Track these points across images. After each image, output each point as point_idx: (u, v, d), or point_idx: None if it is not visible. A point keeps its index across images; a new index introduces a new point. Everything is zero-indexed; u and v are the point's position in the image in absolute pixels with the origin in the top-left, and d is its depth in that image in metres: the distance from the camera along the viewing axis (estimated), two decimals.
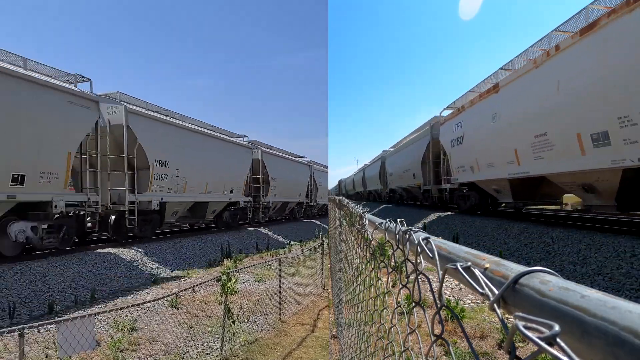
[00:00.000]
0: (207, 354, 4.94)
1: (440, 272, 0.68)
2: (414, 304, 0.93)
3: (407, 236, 0.97)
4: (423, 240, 0.84)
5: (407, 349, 1.04)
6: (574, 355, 0.32)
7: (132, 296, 7.56)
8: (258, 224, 18.96)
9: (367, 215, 2.05)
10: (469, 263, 0.61)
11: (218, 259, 11.75)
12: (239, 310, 6.31)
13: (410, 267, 0.94)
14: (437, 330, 0.73)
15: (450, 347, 0.64)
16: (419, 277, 0.86)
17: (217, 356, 4.84)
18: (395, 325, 1.25)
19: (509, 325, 0.41)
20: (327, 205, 27.50)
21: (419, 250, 0.84)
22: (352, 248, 2.76)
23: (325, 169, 32.08)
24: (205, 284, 5.53)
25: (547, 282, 0.44)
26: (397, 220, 1.20)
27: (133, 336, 5.33)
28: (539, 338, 0.35)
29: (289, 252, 12.97)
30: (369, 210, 2.37)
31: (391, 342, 1.28)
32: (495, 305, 0.49)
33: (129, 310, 6.19)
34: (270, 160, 19.93)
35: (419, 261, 0.85)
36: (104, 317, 5.91)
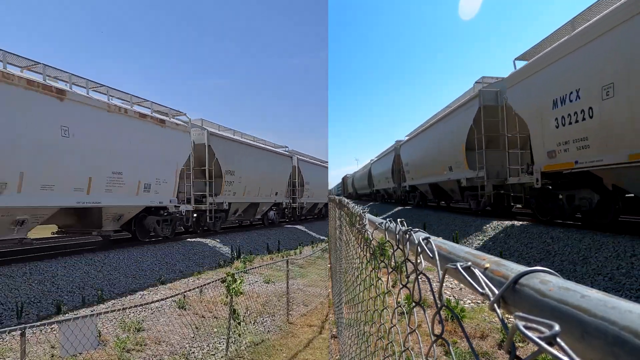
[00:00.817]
0: (213, 354, 4.94)
1: (441, 272, 0.68)
2: (414, 304, 0.93)
3: (407, 236, 0.97)
4: (423, 240, 0.84)
5: (407, 349, 1.04)
6: (574, 355, 0.32)
7: (140, 296, 7.58)
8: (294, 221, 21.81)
9: (367, 215, 2.05)
10: (469, 263, 0.61)
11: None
12: (245, 311, 6.31)
13: (410, 267, 0.94)
14: (437, 330, 0.73)
15: (450, 347, 0.64)
16: (419, 277, 0.86)
17: (222, 357, 4.83)
18: (395, 325, 1.25)
19: (509, 325, 0.41)
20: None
21: (419, 250, 0.84)
22: (352, 248, 2.76)
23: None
24: (209, 284, 5.52)
25: (547, 282, 0.44)
26: (397, 220, 1.20)
27: (139, 336, 5.33)
28: (539, 338, 0.35)
29: (300, 253, 13.06)
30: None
31: (391, 342, 1.28)
32: (495, 305, 0.49)
33: (135, 310, 6.20)
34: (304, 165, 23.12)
35: (419, 261, 0.85)
36: (110, 317, 5.92)
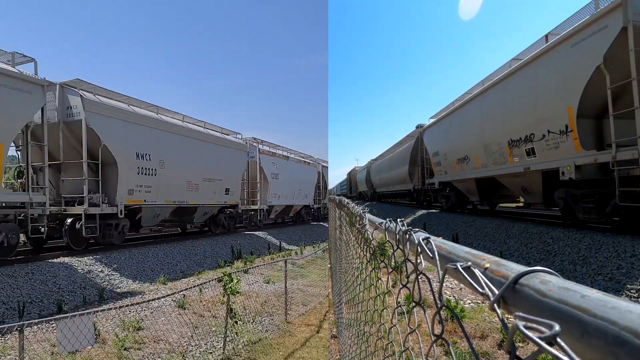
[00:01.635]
0: (210, 353, 4.96)
1: (441, 272, 0.68)
2: (414, 304, 0.93)
3: (407, 236, 0.97)
4: (423, 240, 0.84)
5: (407, 349, 1.04)
6: (574, 355, 0.32)
7: (140, 296, 7.59)
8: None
9: (367, 215, 2.05)
10: (469, 263, 0.61)
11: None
12: (242, 310, 6.32)
13: (410, 267, 0.94)
14: (437, 330, 0.73)
15: (450, 347, 0.64)
16: (419, 277, 0.86)
17: (219, 355, 4.86)
18: (395, 325, 1.25)
19: (509, 325, 0.41)
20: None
21: (419, 250, 0.84)
22: (352, 248, 2.76)
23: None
24: (207, 284, 5.53)
25: (547, 282, 0.44)
26: (397, 220, 1.20)
27: (138, 335, 5.35)
28: (539, 338, 0.35)
29: (301, 253, 13.02)
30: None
31: (391, 342, 1.28)
32: (495, 305, 0.49)
33: (134, 309, 6.21)
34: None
35: (419, 261, 0.85)
36: (110, 316, 5.93)
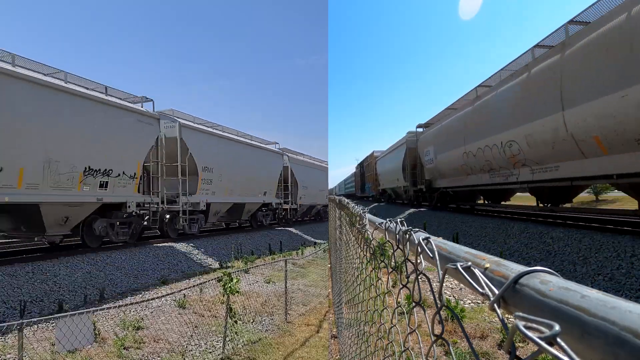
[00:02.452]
0: (210, 352, 4.97)
1: (441, 272, 0.68)
2: (414, 304, 0.93)
3: (408, 236, 0.97)
4: (423, 240, 0.84)
5: (407, 349, 1.04)
6: (574, 355, 0.32)
7: (140, 296, 7.59)
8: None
9: (367, 215, 2.05)
10: (469, 263, 0.61)
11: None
12: (242, 310, 6.32)
13: (410, 267, 0.94)
14: (437, 330, 0.73)
15: (451, 347, 0.64)
16: (419, 277, 0.86)
17: (219, 355, 4.87)
18: (395, 325, 1.24)
19: (509, 325, 0.41)
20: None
21: (419, 250, 0.84)
22: (352, 248, 2.76)
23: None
24: (206, 283, 5.53)
25: (548, 282, 0.44)
26: (397, 220, 1.20)
27: (138, 334, 5.35)
28: (540, 338, 0.35)
29: (302, 253, 13.04)
30: None
31: (391, 342, 1.28)
32: (495, 305, 0.49)
33: (134, 308, 6.21)
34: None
35: (419, 261, 0.85)
36: (110, 316, 5.93)
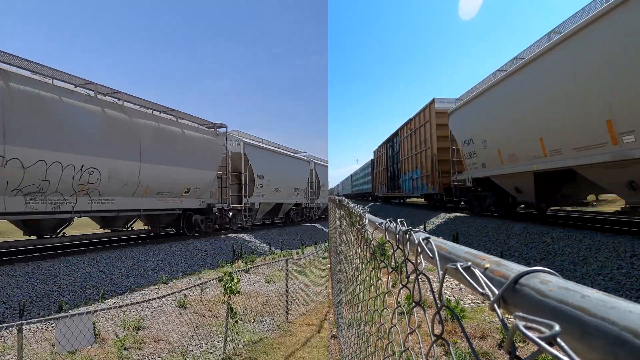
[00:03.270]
0: (211, 352, 4.97)
1: (441, 272, 0.68)
2: (414, 304, 0.93)
3: (407, 236, 0.97)
4: (423, 240, 0.84)
5: (407, 349, 1.04)
6: (574, 355, 0.32)
7: (141, 296, 7.58)
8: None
9: (367, 215, 2.05)
10: (469, 263, 0.61)
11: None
12: (243, 310, 6.31)
13: (410, 267, 0.94)
14: (437, 330, 0.73)
15: (451, 347, 0.64)
16: (419, 277, 0.86)
17: (220, 355, 4.86)
18: (395, 325, 1.24)
19: (509, 325, 0.41)
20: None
21: (419, 250, 0.84)
22: (352, 248, 2.76)
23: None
24: (207, 283, 5.53)
25: (548, 282, 0.44)
26: (397, 220, 1.20)
27: (139, 334, 5.35)
28: (539, 338, 0.35)
29: (302, 253, 13.02)
30: None
31: (391, 342, 1.28)
32: (495, 305, 0.49)
33: (135, 309, 6.21)
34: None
35: (419, 261, 0.85)
36: (110, 316, 5.92)
